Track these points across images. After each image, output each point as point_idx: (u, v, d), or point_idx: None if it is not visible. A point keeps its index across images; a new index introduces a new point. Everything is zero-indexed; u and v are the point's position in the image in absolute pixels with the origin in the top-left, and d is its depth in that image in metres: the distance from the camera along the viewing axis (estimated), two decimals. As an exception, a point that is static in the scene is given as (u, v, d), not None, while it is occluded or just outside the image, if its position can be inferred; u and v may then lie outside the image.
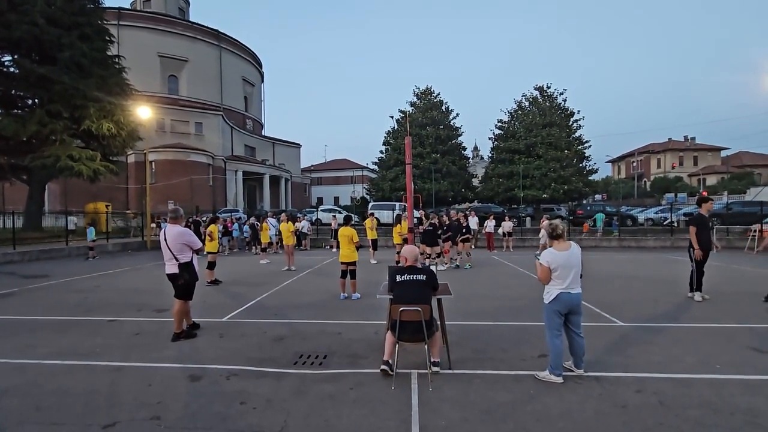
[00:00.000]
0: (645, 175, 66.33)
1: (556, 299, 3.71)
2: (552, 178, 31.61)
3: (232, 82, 46.22)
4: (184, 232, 5.26)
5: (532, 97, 35.56)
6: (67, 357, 4.54)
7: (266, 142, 49.83)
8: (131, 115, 21.01)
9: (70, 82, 18.45)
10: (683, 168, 64.47)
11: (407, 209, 7.67)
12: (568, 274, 3.67)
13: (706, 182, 58.52)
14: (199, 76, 41.99)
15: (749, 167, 60.27)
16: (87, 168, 19.34)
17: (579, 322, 3.80)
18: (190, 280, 5.23)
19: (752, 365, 4.12)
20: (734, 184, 48.69)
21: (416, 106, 36.24)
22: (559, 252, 3.72)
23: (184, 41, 41.21)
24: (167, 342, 5.07)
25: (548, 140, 32.18)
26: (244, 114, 48.24)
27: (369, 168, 53.77)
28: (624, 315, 6.14)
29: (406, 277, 3.92)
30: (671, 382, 3.71)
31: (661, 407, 3.23)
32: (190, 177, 34.33)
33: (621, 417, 3.09)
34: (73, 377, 3.97)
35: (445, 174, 33.84)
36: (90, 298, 8.01)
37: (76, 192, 30.27)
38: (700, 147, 66.53)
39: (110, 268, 12.70)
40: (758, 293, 7.82)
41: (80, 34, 19.45)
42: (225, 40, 45.12)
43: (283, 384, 3.76)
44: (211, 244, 10.05)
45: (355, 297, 7.58)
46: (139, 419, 3.12)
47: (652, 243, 19.75)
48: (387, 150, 36.83)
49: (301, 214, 26.10)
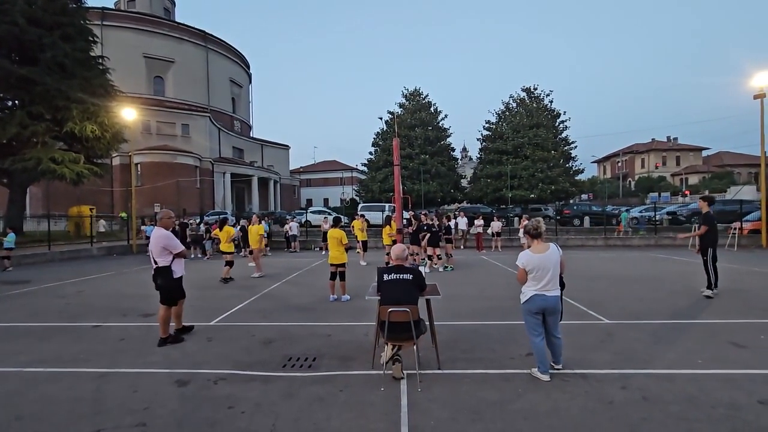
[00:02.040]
0: (629, 174, 67.55)
1: (530, 300, 3.75)
2: (539, 178, 32.03)
3: (220, 84, 45.76)
4: (164, 236, 5.11)
5: (520, 99, 36.00)
6: (50, 364, 4.45)
7: (254, 143, 49.44)
8: (116, 116, 20.62)
9: (52, 83, 18.05)
10: (666, 168, 65.82)
11: (396, 210, 7.69)
12: (544, 276, 3.69)
13: (688, 181, 59.80)
14: (186, 77, 41.48)
15: (729, 167, 61.79)
16: (70, 171, 18.93)
17: (556, 323, 3.82)
18: (163, 284, 5.08)
19: (733, 360, 4.23)
20: (715, 183, 49.89)
21: (405, 108, 36.37)
22: (534, 254, 3.74)
23: (169, 42, 40.68)
24: (154, 347, 4.99)
25: (535, 141, 32.61)
26: (231, 115, 47.80)
27: (358, 169, 53.75)
28: (610, 312, 6.24)
29: (393, 276, 3.94)
30: (655, 378, 3.79)
31: (646, 403, 3.30)
32: (177, 179, 33.88)
33: (607, 413, 3.14)
34: (56, 385, 3.89)
35: (434, 175, 34.01)
36: (74, 303, 7.85)
37: (59, 195, 29.63)
38: (683, 147, 67.99)
39: (95, 272, 12.45)
40: (738, 290, 8.03)
41: (62, 34, 19.03)
42: (212, 40, 44.67)
43: (272, 387, 3.74)
44: (227, 245, 10.53)
45: (345, 299, 7.57)
46: (125, 426, 3.08)
47: (636, 242, 20.11)
48: (376, 151, 36.89)
49: (290, 215, 25.97)
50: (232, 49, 48.55)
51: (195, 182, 36.28)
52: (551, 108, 35.11)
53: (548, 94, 35.28)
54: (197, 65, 42.91)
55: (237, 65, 50.10)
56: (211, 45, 44.47)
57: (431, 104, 36.51)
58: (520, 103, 35.70)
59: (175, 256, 5.17)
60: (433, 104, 36.56)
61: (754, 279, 9.43)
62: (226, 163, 40.13)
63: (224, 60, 47.02)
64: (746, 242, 18.18)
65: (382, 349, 4.07)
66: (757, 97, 17.58)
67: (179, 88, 40.91)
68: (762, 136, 18.14)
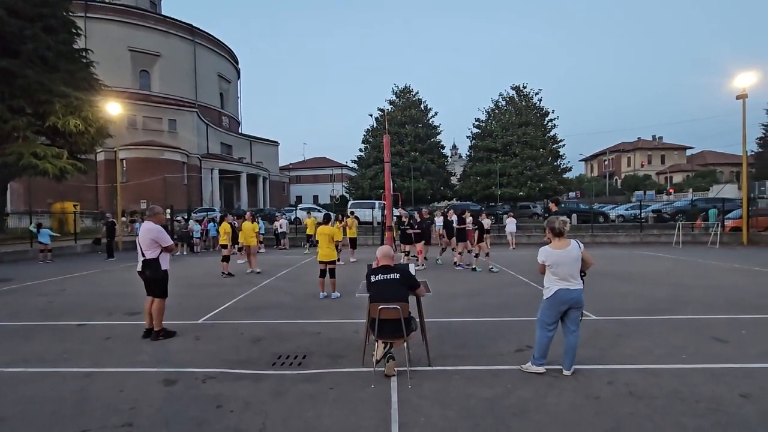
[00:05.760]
0: (616, 173, 68.62)
1: (555, 295, 3.79)
2: (528, 176, 32.31)
3: (208, 79, 45.05)
4: (154, 229, 5.20)
5: (509, 97, 36.20)
6: (32, 364, 4.34)
7: (243, 140, 48.88)
8: (100, 111, 20.17)
9: (34, 76, 17.57)
10: (651, 166, 67.06)
11: (386, 207, 7.68)
12: (565, 271, 3.76)
13: (672, 180, 61.00)
14: (173, 71, 40.74)
15: (712, 165, 63.21)
16: (53, 166, 18.47)
17: (577, 318, 3.86)
18: (152, 276, 5.16)
19: (715, 354, 4.33)
20: (698, 181, 50.95)
21: (395, 105, 36.33)
22: (554, 250, 3.82)
23: (156, 35, 39.88)
24: (140, 346, 4.92)
25: (524, 139, 32.86)
26: (220, 111, 47.14)
27: (348, 166, 53.59)
28: (597, 309, 6.33)
29: (380, 277, 3.92)
30: (641, 373, 3.85)
31: (632, 397, 3.36)
32: (164, 176, 33.34)
33: (594, 408, 3.19)
34: (39, 385, 3.80)
35: (424, 172, 34.06)
36: (57, 302, 7.68)
37: (42, 191, 28.91)
38: (668, 146, 69.33)
39: (78, 270, 12.21)
40: (720, 286, 8.22)
41: (44, 26, 18.52)
42: (199, 35, 43.91)
43: (262, 386, 3.70)
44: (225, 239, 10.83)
45: (335, 296, 7.55)
46: (111, 427, 3.02)
47: (623, 239, 20.46)
48: (366, 148, 36.80)
49: (280, 212, 25.79)
50: (220, 44, 47.81)
51: (182, 179, 35.76)
52: (540, 106, 35.41)
53: (537, 92, 35.56)
54: (184, 59, 42.17)
55: (225, 60, 49.39)
56: (198, 39, 43.70)
57: (421, 101, 36.53)
58: (509, 101, 35.92)
59: (163, 249, 5.22)
60: (423, 101, 36.59)
61: (734, 275, 9.66)
62: (214, 159, 39.63)
63: (212, 54, 46.29)
64: (728, 239, 18.63)
65: (372, 346, 4.06)
66: (740, 97, 17.99)
67: (166, 82, 40.19)
68: (744, 135, 18.57)
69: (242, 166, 42.54)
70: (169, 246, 5.31)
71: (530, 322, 4.97)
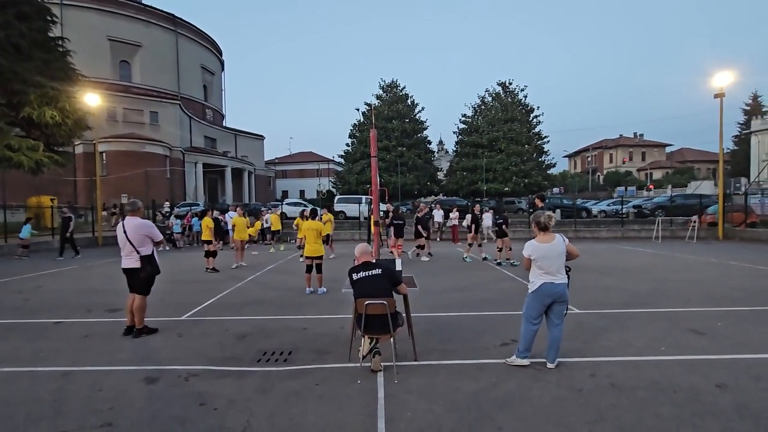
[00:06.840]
0: (599, 169, 69.84)
1: (539, 289, 3.85)
2: (513, 171, 32.63)
3: (190, 70, 44.04)
4: (145, 224, 5.11)
5: (495, 93, 36.37)
6: (6, 364, 4.20)
7: (228, 133, 48.07)
8: (78, 102, 19.49)
9: (7, 65, 16.85)
10: (633, 163, 68.43)
11: (373, 202, 7.65)
12: (551, 265, 3.81)
13: (652, 176, 62.39)
14: (154, 62, 39.68)
15: (690, 162, 64.93)
16: (28, 159, 17.81)
17: (561, 312, 3.92)
18: (153, 272, 5.11)
19: (692, 346, 4.45)
20: (677, 178, 52.26)
21: (382, 99, 36.18)
22: (539, 244, 3.88)
23: (136, 25, 38.74)
24: (120, 343, 4.80)
25: (510, 135, 33.12)
26: (203, 104, 46.22)
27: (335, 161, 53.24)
28: (579, 302, 6.44)
29: (362, 274, 3.90)
30: (622, 365, 3.94)
31: (613, 389, 3.43)
32: (146, 169, 32.57)
33: (577, 400, 3.24)
34: (13, 385, 3.67)
35: (410, 167, 34.07)
36: (33, 299, 7.44)
37: (17, 185, 27.86)
38: (648, 143, 70.81)
39: (56, 266, 11.86)
40: (696, 280, 8.46)
41: (17, 13, 17.74)
42: (182, 25, 42.81)
43: (246, 383, 3.66)
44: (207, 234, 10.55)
45: (321, 291, 7.51)
46: (89, 427, 2.94)
47: (604, 234, 20.89)
48: (353, 143, 36.59)
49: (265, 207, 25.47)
50: (204, 35, 46.75)
51: (165, 172, 35.00)
52: (525, 103, 35.70)
53: (522, 89, 35.83)
54: (166, 50, 41.10)
55: (209, 51, 48.35)
56: (181, 29, 42.61)
57: (408, 96, 36.45)
58: (495, 97, 36.10)
59: (156, 243, 5.20)
60: (410, 96, 36.51)
61: (711, 269, 9.95)
62: (197, 152, 38.86)
63: (195, 45, 45.23)
64: (704, 234, 19.20)
65: (358, 342, 4.05)
66: (717, 96, 18.46)
67: (147, 73, 39.14)
68: (721, 133, 19.08)
69: (227, 160, 41.85)
70: (161, 240, 5.32)
71: (515, 316, 5.03)
